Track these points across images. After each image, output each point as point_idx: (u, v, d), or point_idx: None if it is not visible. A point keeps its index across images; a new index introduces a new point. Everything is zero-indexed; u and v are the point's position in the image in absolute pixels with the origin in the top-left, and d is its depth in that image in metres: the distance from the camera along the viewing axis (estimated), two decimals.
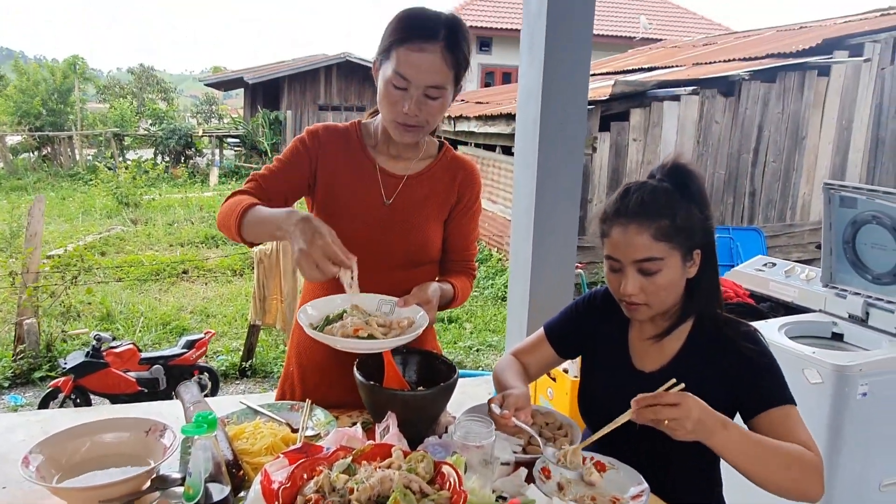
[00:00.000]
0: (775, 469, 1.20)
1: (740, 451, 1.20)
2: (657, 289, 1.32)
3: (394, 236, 1.53)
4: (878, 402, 2.24)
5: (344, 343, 1.31)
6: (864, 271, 2.57)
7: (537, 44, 3.32)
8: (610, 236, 1.35)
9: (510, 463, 1.30)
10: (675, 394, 1.18)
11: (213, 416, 1.04)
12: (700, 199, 1.36)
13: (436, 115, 1.42)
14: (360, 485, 1.00)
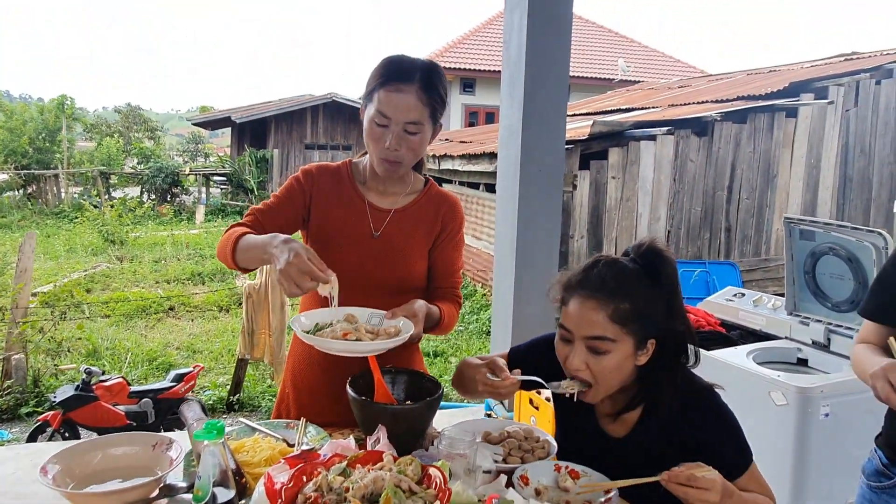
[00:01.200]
0: None
1: None
2: (602, 369, 1.32)
3: (382, 266, 1.66)
4: (840, 422, 2.37)
5: (333, 345, 1.41)
6: (824, 300, 2.73)
7: (517, 86, 3.53)
8: (567, 305, 1.35)
9: (492, 471, 1.41)
10: (707, 479, 1.20)
11: (222, 423, 1.14)
12: (669, 287, 1.35)
13: (416, 150, 1.58)
14: (354, 484, 1.11)
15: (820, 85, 7.85)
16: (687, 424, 1.37)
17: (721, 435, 1.37)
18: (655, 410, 1.40)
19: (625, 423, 1.45)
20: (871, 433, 2.42)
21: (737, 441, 1.38)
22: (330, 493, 1.11)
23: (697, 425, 1.37)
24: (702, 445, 1.34)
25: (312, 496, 1.09)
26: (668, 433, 1.39)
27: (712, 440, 1.36)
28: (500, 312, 3.92)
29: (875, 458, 1.46)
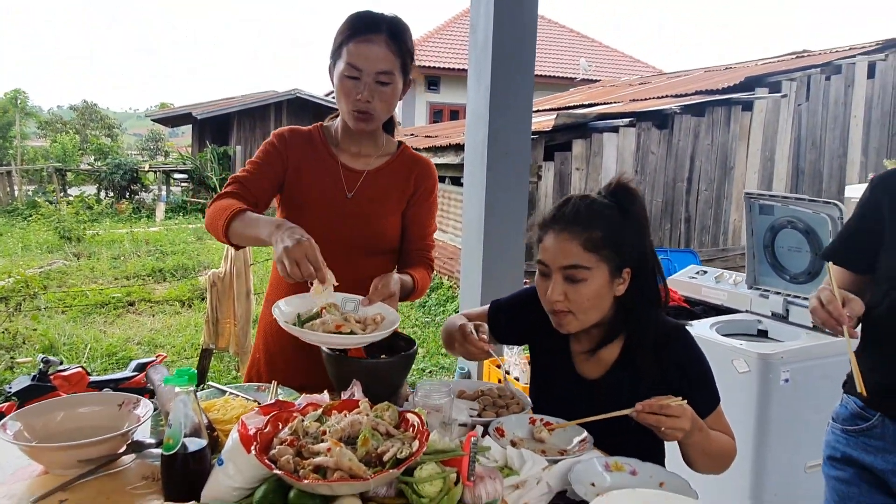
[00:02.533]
0: (712, 461, 1.39)
1: (699, 448, 1.34)
2: (581, 298, 1.36)
3: (355, 227, 1.65)
4: (799, 387, 2.45)
5: (331, 339, 1.38)
6: (782, 272, 2.82)
7: (484, 70, 3.55)
8: (543, 241, 1.40)
9: (467, 424, 1.42)
10: (678, 406, 1.25)
11: (193, 370, 1.12)
12: (638, 221, 1.40)
13: (388, 102, 1.58)
14: (331, 428, 1.10)
15: (774, 80, 8.09)
16: (661, 363, 1.42)
17: (693, 374, 1.43)
18: (632, 348, 1.44)
19: (600, 363, 1.48)
20: (828, 398, 2.50)
21: (707, 381, 1.43)
22: (306, 437, 1.10)
23: (672, 363, 1.42)
24: (675, 384, 1.38)
25: (289, 439, 1.07)
26: (642, 372, 1.43)
27: (685, 379, 1.41)
28: (469, 304, 3.95)
29: (849, 404, 1.51)
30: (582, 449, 1.35)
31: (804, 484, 2.52)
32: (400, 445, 1.06)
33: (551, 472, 1.24)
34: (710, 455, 1.37)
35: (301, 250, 1.33)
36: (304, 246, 1.33)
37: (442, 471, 1.07)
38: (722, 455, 1.40)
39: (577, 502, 1.19)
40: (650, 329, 1.44)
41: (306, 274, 1.35)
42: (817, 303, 1.33)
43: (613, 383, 1.46)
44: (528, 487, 1.21)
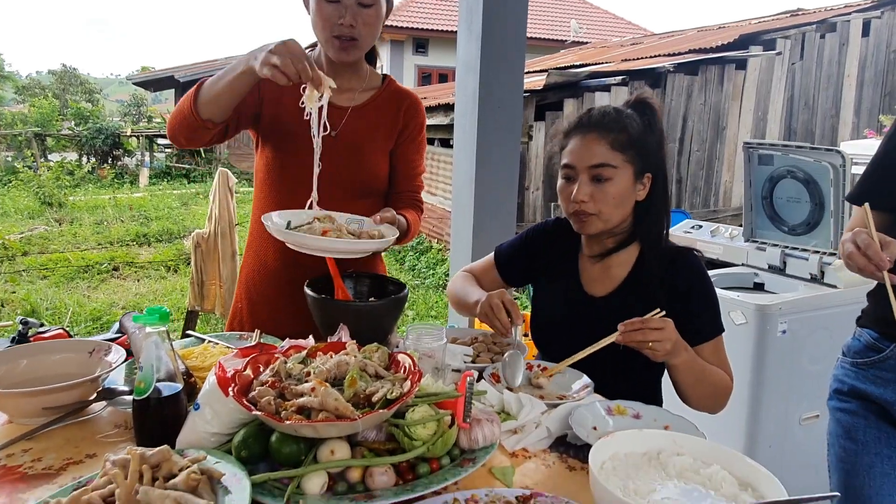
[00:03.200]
0: (704, 391, 1.37)
1: (690, 371, 1.33)
2: (606, 197, 1.38)
3: (342, 166, 1.55)
4: (796, 339, 2.41)
5: (311, 242, 1.29)
6: (780, 224, 2.75)
7: (475, 18, 3.41)
8: (568, 146, 1.42)
9: (461, 370, 1.35)
10: (659, 319, 1.28)
11: (165, 309, 1.04)
12: (659, 133, 1.45)
13: (372, 26, 1.46)
14: (316, 370, 1.02)
15: (768, 38, 7.95)
16: (668, 282, 1.41)
17: (699, 295, 1.41)
18: (643, 265, 1.45)
19: (609, 281, 1.48)
20: (825, 349, 2.48)
21: (712, 305, 1.42)
22: (289, 379, 1.02)
23: (679, 283, 1.41)
24: (681, 304, 1.38)
25: (270, 381, 1.00)
26: (650, 291, 1.42)
27: (691, 301, 1.40)
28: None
29: (862, 336, 1.46)
30: (582, 394, 1.29)
31: (798, 436, 2.49)
32: (390, 386, 0.99)
33: (551, 416, 1.18)
34: (701, 383, 1.36)
35: (287, 48, 1.23)
36: (289, 44, 1.24)
37: (436, 413, 1.00)
38: (716, 388, 1.38)
39: (578, 447, 1.13)
40: (661, 242, 1.45)
41: (299, 68, 1.24)
42: (853, 248, 1.25)
43: (620, 303, 1.44)
44: (526, 432, 1.14)
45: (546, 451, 1.12)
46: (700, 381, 1.36)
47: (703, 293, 1.42)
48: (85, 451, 1.04)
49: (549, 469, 1.06)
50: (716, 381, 1.38)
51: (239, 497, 0.84)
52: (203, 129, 1.40)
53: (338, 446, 0.93)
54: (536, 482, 1.02)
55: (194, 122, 1.38)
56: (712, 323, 1.42)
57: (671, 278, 1.42)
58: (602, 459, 0.94)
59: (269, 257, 1.60)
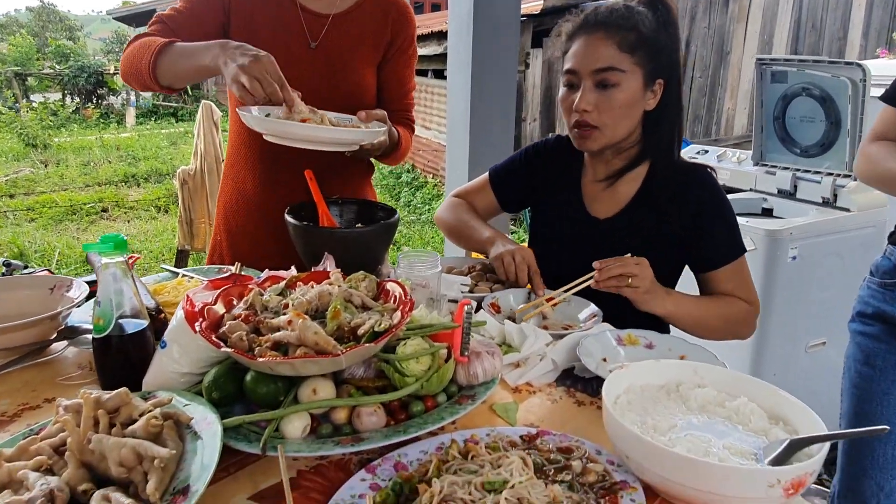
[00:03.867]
0: (713, 328, 1.29)
1: (682, 319, 1.25)
2: (612, 107, 1.24)
3: (323, 82, 1.40)
4: (806, 264, 2.31)
5: (291, 129, 1.16)
6: (792, 146, 2.62)
7: None
8: (571, 49, 1.27)
9: (458, 301, 1.24)
10: (635, 258, 1.18)
11: (121, 237, 0.92)
12: (674, 31, 1.29)
13: None
14: (295, 301, 0.91)
15: None
16: (680, 201, 1.30)
17: (714, 214, 1.30)
18: (652, 182, 1.33)
19: (615, 201, 1.37)
20: (836, 275, 2.39)
21: (730, 226, 1.31)
22: (266, 313, 0.91)
23: (692, 202, 1.29)
24: (693, 225, 1.29)
25: (243, 314, 0.89)
26: (660, 208, 1.31)
27: (705, 220, 1.29)
28: None
29: (893, 255, 1.36)
30: (590, 324, 1.19)
31: (804, 364, 2.44)
32: (378, 318, 0.88)
33: (556, 347, 1.08)
34: (704, 323, 1.28)
35: (260, 66, 1.10)
36: (263, 62, 1.11)
37: (430, 346, 0.90)
38: (727, 321, 1.29)
39: (587, 380, 1.04)
40: (673, 157, 1.33)
41: (269, 92, 1.12)
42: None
43: (625, 224, 1.33)
44: (530, 365, 1.05)
45: (552, 385, 1.03)
46: (700, 323, 1.27)
47: (717, 211, 1.30)
48: (43, 396, 0.95)
49: (555, 405, 0.97)
50: (726, 314, 1.29)
51: (209, 443, 0.75)
52: (162, 89, 1.29)
53: (321, 385, 0.83)
54: (542, 419, 0.92)
55: (153, 85, 1.26)
56: (730, 244, 1.30)
57: (682, 195, 1.30)
58: (616, 393, 0.85)
59: (248, 183, 1.47)
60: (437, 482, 0.70)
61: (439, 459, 0.76)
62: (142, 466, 0.70)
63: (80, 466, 0.70)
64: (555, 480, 0.75)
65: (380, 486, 0.74)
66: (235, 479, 0.78)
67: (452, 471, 0.75)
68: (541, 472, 0.76)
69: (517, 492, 0.69)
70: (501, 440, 0.82)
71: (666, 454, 0.69)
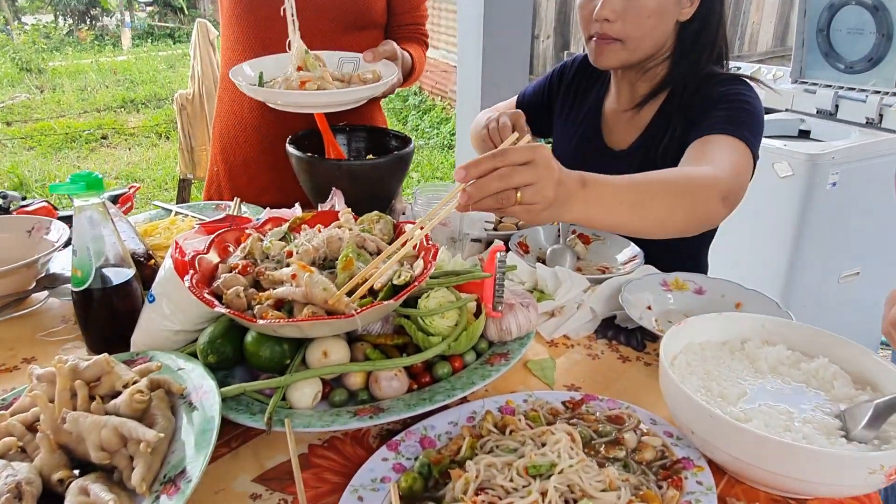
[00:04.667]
0: (658, 210, 0.84)
1: (611, 205, 0.80)
2: (638, 15, 1.05)
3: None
4: (846, 191, 2.16)
5: (295, 98, 1.03)
6: (836, 61, 2.40)
7: None
8: None
9: (482, 239, 1.12)
10: (524, 147, 0.69)
11: (96, 175, 0.79)
12: None
13: None
14: (300, 248, 0.79)
15: None
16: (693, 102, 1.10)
17: (726, 99, 1.06)
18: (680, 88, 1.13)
19: (632, 128, 1.20)
20: (878, 202, 2.24)
21: (735, 107, 1.04)
22: (267, 262, 0.79)
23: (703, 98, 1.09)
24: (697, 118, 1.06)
25: (241, 265, 0.77)
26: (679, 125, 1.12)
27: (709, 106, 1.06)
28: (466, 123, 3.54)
29: None
30: (630, 266, 1.06)
31: (836, 295, 2.33)
32: (397, 267, 0.76)
33: (595, 294, 0.96)
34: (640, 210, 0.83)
35: None
36: None
37: (456, 298, 0.78)
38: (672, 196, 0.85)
39: (630, 331, 0.93)
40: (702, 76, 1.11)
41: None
42: None
43: (642, 155, 1.16)
44: (566, 314, 0.93)
45: (591, 337, 0.91)
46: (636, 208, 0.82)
47: (728, 98, 1.06)
48: (21, 355, 0.84)
49: (597, 361, 0.86)
50: (667, 190, 0.86)
51: (206, 416, 0.64)
52: None
53: (332, 346, 0.72)
54: (583, 378, 0.82)
55: None
56: (729, 121, 1.02)
57: (696, 99, 1.10)
58: (673, 353, 0.73)
59: (244, 107, 1.32)
60: (472, 465, 0.60)
61: (472, 436, 0.65)
62: (126, 449, 0.60)
63: (54, 450, 0.60)
64: (606, 458, 0.64)
65: (404, 466, 0.64)
66: (237, 457, 0.68)
67: (488, 449, 0.64)
68: (589, 448, 0.65)
69: (567, 477, 0.59)
70: (542, 407, 0.72)
71: (745, 434, 0.58)
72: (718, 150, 0.96)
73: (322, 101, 1.06)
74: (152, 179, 5.68)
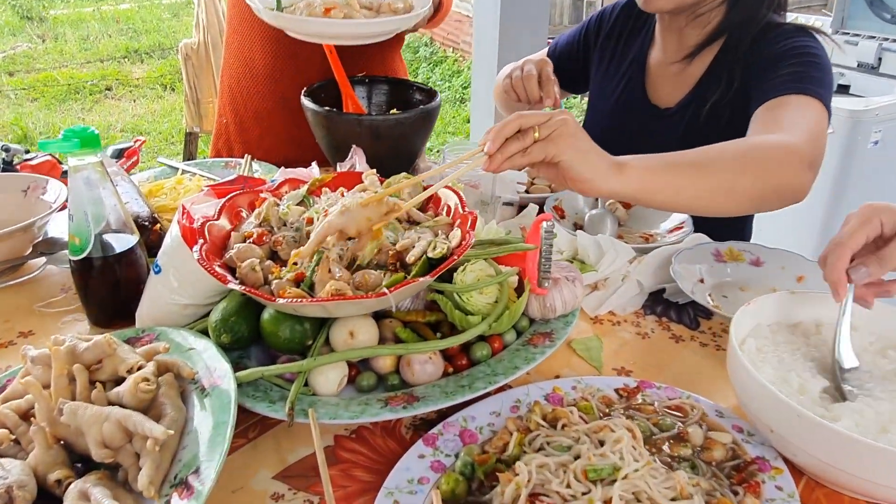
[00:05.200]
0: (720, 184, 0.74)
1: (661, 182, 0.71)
2: None
3: None
4: (889, 150, 2.04)
5: (311, 26, 0.93)
6: (882, 10, 2.25)
7: None
8: None
9: (514, 203, 1.03)
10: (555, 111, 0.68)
11: (91, 129, 0.70)
12: None
13: None
14: (321, 214, 0.70)
15: None
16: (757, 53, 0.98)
17: (788, 54, 0.94)
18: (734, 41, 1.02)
19: (680, 83, 1.09)
20: None
21: (805, 62, 0.93)
22: (284, 229, 0.71)
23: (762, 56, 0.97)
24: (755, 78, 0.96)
25: (255, 233, 0.69)
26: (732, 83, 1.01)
27: (773, 61, 0.95)
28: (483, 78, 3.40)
29: None
30: (677, 234, 0.98)
31: None
32: (431, 238, 0.67)
33: (642, 264, 0.87)
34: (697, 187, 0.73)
35: None
36: None
37: (496, 271, 0.70)
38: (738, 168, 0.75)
39: (682, 306, 0.84)
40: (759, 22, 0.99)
41: None
42: None
43: (692, 113, 1.06)
44: (610, 287, 0.85)
45: (639, 313, 0.83)
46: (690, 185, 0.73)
47: (797, 52, 0.95)
48: (17, 328, 0.77)
49: (647, 341, 0.78)
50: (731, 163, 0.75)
51: (221, 404, 0.57)
52: None
53: (359, 325, 0.65)
54: (633, 360, 0.74)
55: None
56: (794, 78, 0.91)
57: (752, 55, 0.98)
58: (741, 337, 0.65)
59: (255, 54, 1.22)
60: (523, 466, 0.53)
61: (520, 431, 0.58)
62: (131, 445, 0.53)
63: (51, 446, 0.53)
64: (671, 457, 0.57)
65: (443, 465, 0.57)
66: (255, 449, 0.61)
67: (538, 446, 0.57)
68: (650, 444, 0.58)
69: (632, 483, 0.51)
70: (592, 396, 0.64)
71: (839, 438, 0.51)
72: (793, 112, 0.86)
73: (348, 31, 0.95)
74: (158, 133, 5.58)
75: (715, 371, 0.72)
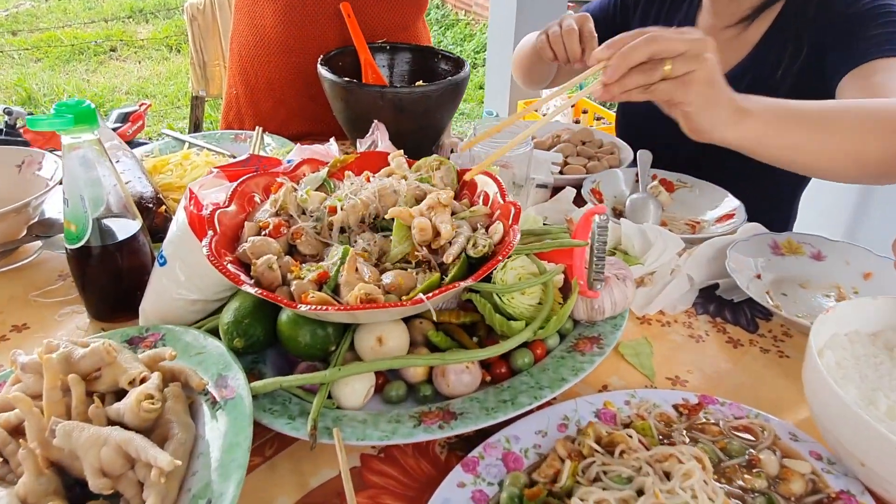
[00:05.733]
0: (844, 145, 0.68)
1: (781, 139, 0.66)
2: None
3: None
4: None
5: None
6: None
7: None
8: None
9: (548, 185, 0.95)
10: (685, 28, 0.61)
11: (87, 104, 0.62)
12: None
13: None
14: (345, 201, 0.63)
15: None
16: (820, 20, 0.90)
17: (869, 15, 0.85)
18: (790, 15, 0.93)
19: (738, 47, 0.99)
20: None
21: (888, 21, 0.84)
22: (304, 218, 0.63)
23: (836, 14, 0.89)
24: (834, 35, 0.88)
25: (272, 223, 0.61)
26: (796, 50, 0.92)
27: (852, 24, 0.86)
28: (499, 42, 3.27)
29: None
30: (727, 223, 0.90)
31: None
32: (469, 233, 0.60)
33: (692, 257, 0.80)
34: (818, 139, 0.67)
35: None
36: None
37: (539, 269, 0.63)
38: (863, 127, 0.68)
39: (737, 304, 0.77)
40: None
41: None
42: None
43: (748, 78, 0.96)
44: (658, 282, 0.77)
45: (690, 312, 0.76)
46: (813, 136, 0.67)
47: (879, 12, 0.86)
48: (11, 321, 0.71)
49: (701, 345, 0.70)
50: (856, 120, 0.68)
51: (235, 421, 0.50)
52: None
53: (388, 330, 0.57)
54: (687, 368, 0.67)
55: None
56: (886, 41, 0.82)
57: (829, 10, 0.90)
58: (818, 347, 0.58)
59: (267, 19, 1.12)
60: (579, 503, 0.46)
61: (572, 457, 0.51)
62: (134, 472, 0.47)
63: (42, 472, 0.47)
64: (744, 490, 0.50)
65: (486, 495, 0.50)
66: (273, 470, 0.54)
67: (593, 475, 0.50)
68: (719, 474, 0.51)
69: None
70: (650, 411, 0.57)
71: None
72: (892, 76, 0.77)
73: None
74: (164, 95, 5.46)
75: (778, 381, 0.65)
